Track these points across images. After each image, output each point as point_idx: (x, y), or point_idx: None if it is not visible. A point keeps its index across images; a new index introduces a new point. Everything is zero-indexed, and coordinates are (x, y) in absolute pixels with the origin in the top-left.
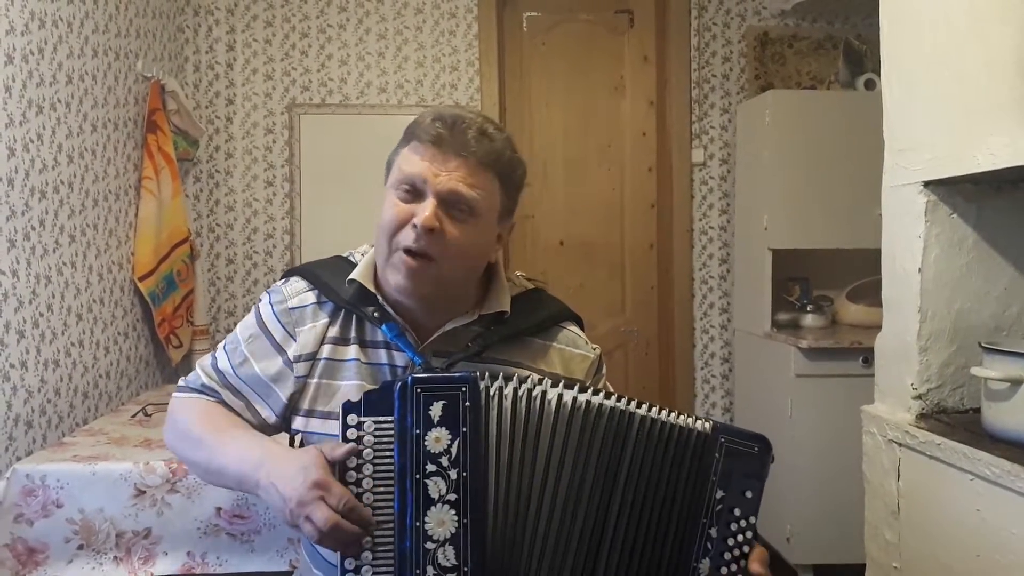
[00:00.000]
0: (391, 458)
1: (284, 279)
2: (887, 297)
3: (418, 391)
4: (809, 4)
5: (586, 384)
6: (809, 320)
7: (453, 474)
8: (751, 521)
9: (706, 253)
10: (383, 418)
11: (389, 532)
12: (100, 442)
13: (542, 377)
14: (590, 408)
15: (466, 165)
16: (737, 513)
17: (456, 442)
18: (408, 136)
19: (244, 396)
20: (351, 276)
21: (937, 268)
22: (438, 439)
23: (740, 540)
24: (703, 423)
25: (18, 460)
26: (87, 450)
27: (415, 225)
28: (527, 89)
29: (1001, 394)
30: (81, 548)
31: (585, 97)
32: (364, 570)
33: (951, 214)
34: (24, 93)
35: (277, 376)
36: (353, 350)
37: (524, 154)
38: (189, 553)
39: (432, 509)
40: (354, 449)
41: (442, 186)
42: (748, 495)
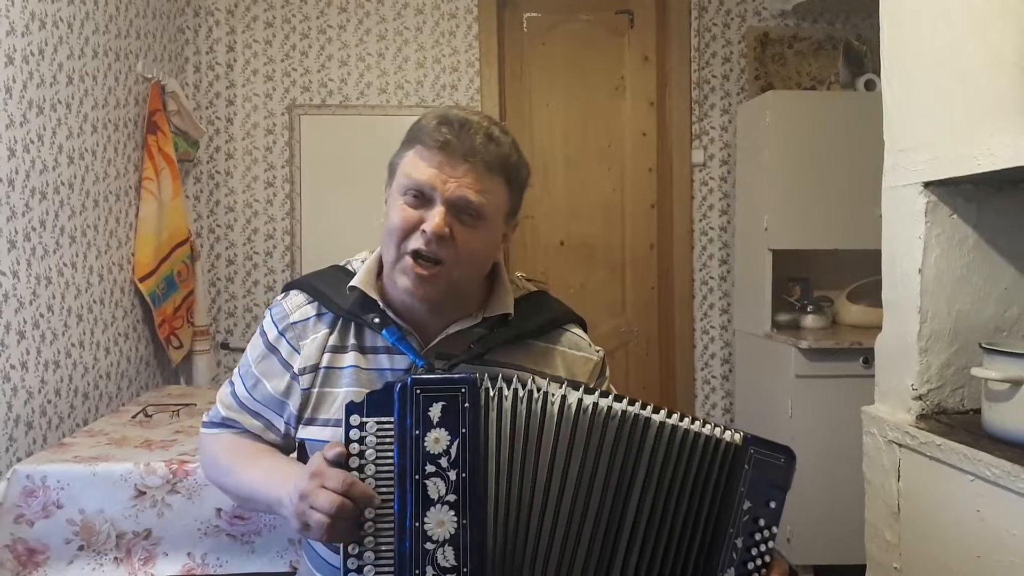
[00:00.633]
0: (392, 458)
1: (284, 294)
2: (887, 298)
3: (418, 392)
4: (809, 4)
5: (591, 387)
6: (809, 321)
7: (452, 475)
8: (773, 531)
9: (706, 253)
10: (385, 419)
11: (391, 532)
12: (100, 443)
13: (545, 379)
14: (597, 411)
15: (474, 171)
16: (761, 523)
17: (455, 443)
18: (412, 139)
19: (263, 416)
20: (352, 283)
21: (937, 269)
22: (437, 440)
23: (763, 550)
24: (732, 433)
25: (18, 461)
26: (87, 451)
27: (424, 231)
28: (527, 89)
29: (1001, 395)
30: (81, 549)
31: (585, 97)
32: (367, 570)
33: (951, 214)
34: (24, 94)
35: (287, 391)
36: (351, 357)
37: (524, 154)
38: (189, 554)
39: (431, 510)
40: (343, 453)
41: (451, 193)
42: (772, 505)
